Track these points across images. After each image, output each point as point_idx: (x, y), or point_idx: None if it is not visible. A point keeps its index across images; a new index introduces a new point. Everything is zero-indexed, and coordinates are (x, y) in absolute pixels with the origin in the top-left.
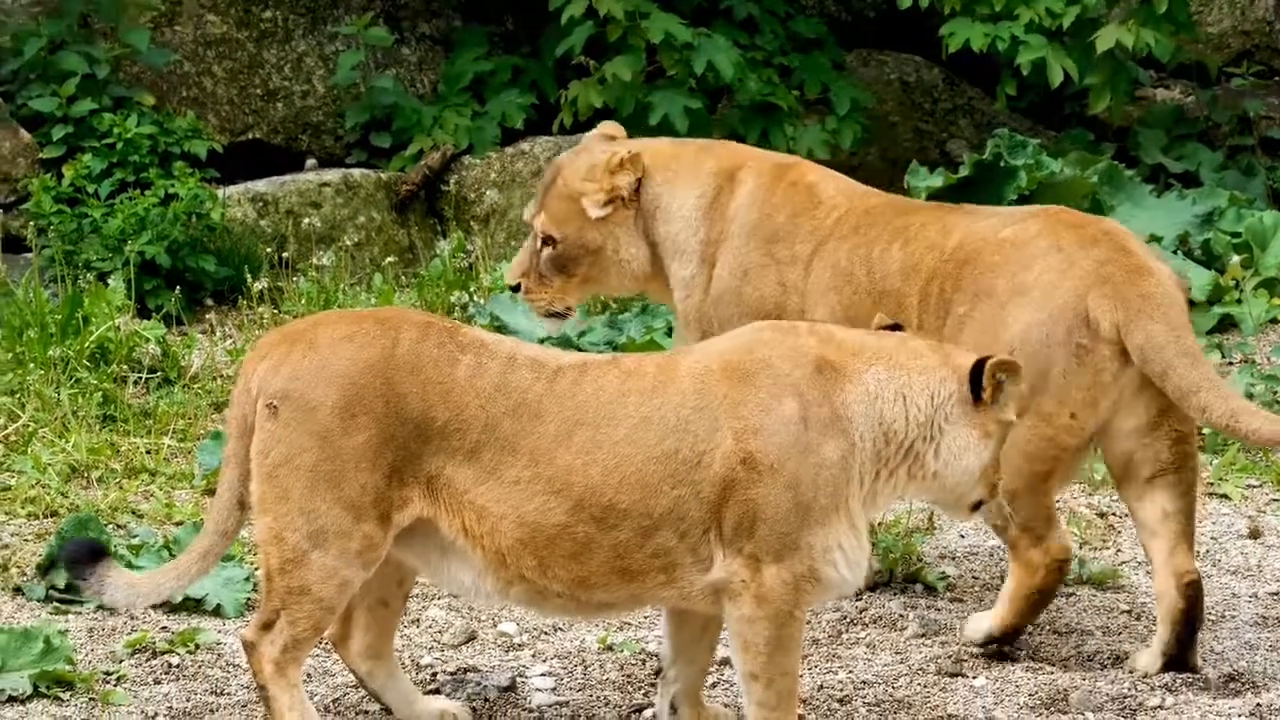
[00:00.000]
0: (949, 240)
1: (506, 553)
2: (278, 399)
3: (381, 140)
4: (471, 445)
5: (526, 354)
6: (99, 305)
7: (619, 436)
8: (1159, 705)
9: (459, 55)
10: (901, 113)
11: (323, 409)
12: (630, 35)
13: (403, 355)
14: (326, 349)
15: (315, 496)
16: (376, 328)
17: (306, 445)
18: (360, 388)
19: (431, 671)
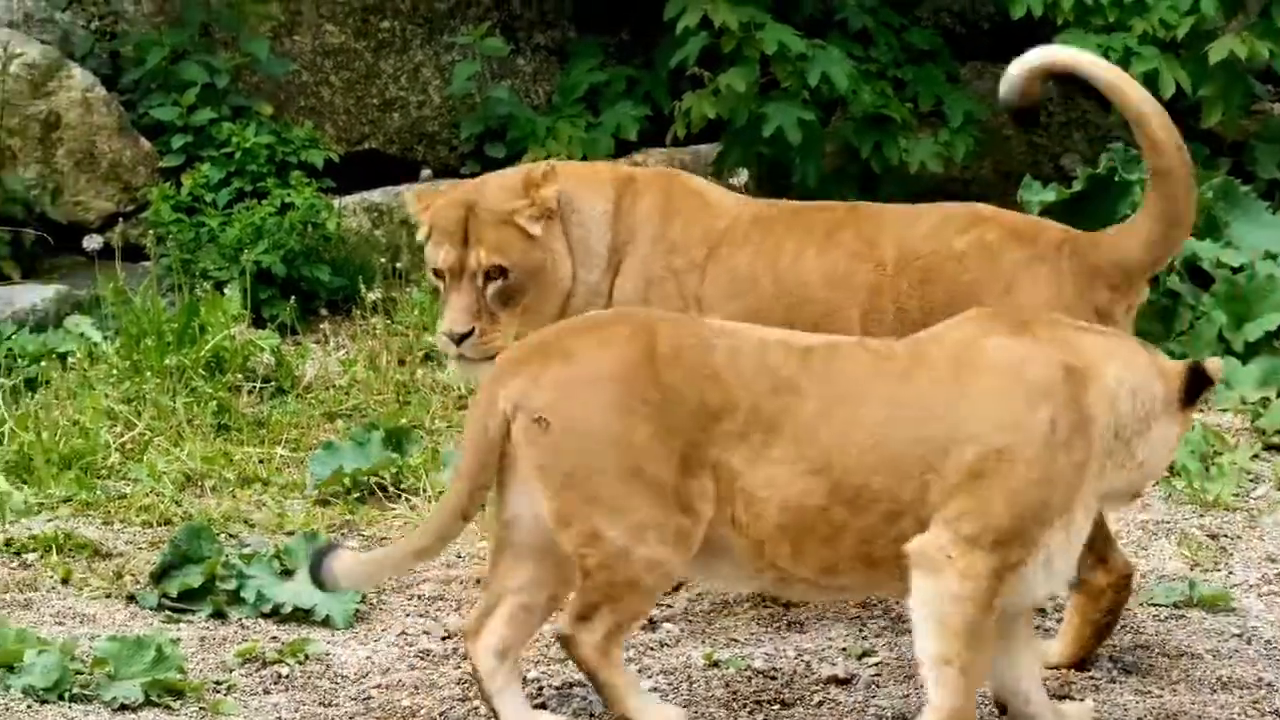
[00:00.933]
0: (882, 250)
1: (766, 540)
2: (545, 411)
3: (496, 150)
4: (740, 428)
5: (773, 336)
6: (215, 314)
7: (876, 418)
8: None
9: (574, 66)
10: (1015, 126)
11: (600, 412)
12: (745, 46)
13: (662, 349)
14: (585, 355)
15: (624, 496)
16: (626, 328)
17: (593, 449)
18: (631, 385)
19: (538, 685)
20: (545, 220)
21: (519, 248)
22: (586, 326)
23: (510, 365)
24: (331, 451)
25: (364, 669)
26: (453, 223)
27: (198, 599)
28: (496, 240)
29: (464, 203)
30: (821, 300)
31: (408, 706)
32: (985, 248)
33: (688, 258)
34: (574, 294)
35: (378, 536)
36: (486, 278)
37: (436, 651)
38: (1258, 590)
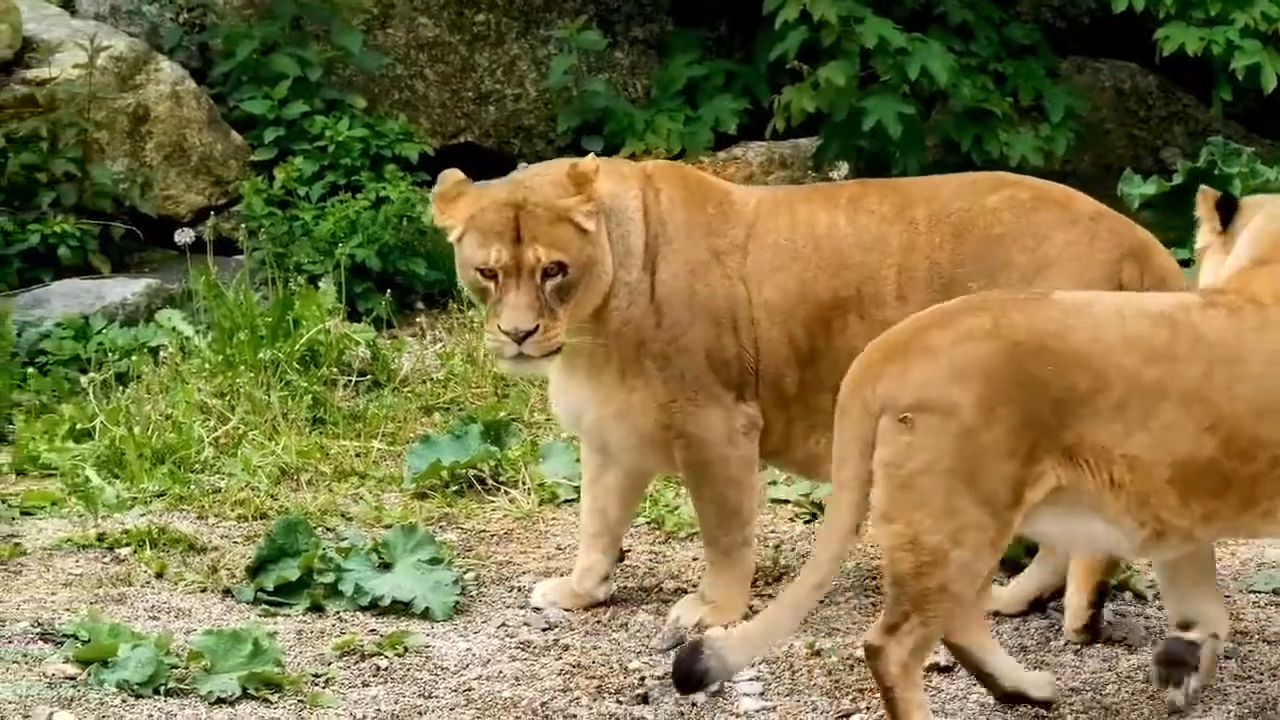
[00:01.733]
0: (912, 211)
1: (1152, 495)
2: (912, 410)
3: (593, 144)
4: (1116, 402)
5: (1127, 307)
6: (309, 308)
7: (1254, 372)
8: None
9: (672, 59)
10: (1115, 120)
11: (963, 409)
12: (844, 40)
13: (1024, 339)
14: (949, 351)
15: (956, 496)
16: (987, 320)
17: (947, 449)
18: (997, 380)
19: (640, 675)
20: (596, 216)
21: (576, 244)
22: (946, 320)
23: (873, 365)
24: (429, 445)
25: (464, 661)
26: (502, 222)
27: (294, 593)
28: (554, 237)
29: (511, 202)
30: (858, 264)
31: (508, 698)
32: (1019, 204)
33: (728, 239)
34: (613, 292)
35: (475, 529)
36: (545, 275)
37: (537, 643)
38: None
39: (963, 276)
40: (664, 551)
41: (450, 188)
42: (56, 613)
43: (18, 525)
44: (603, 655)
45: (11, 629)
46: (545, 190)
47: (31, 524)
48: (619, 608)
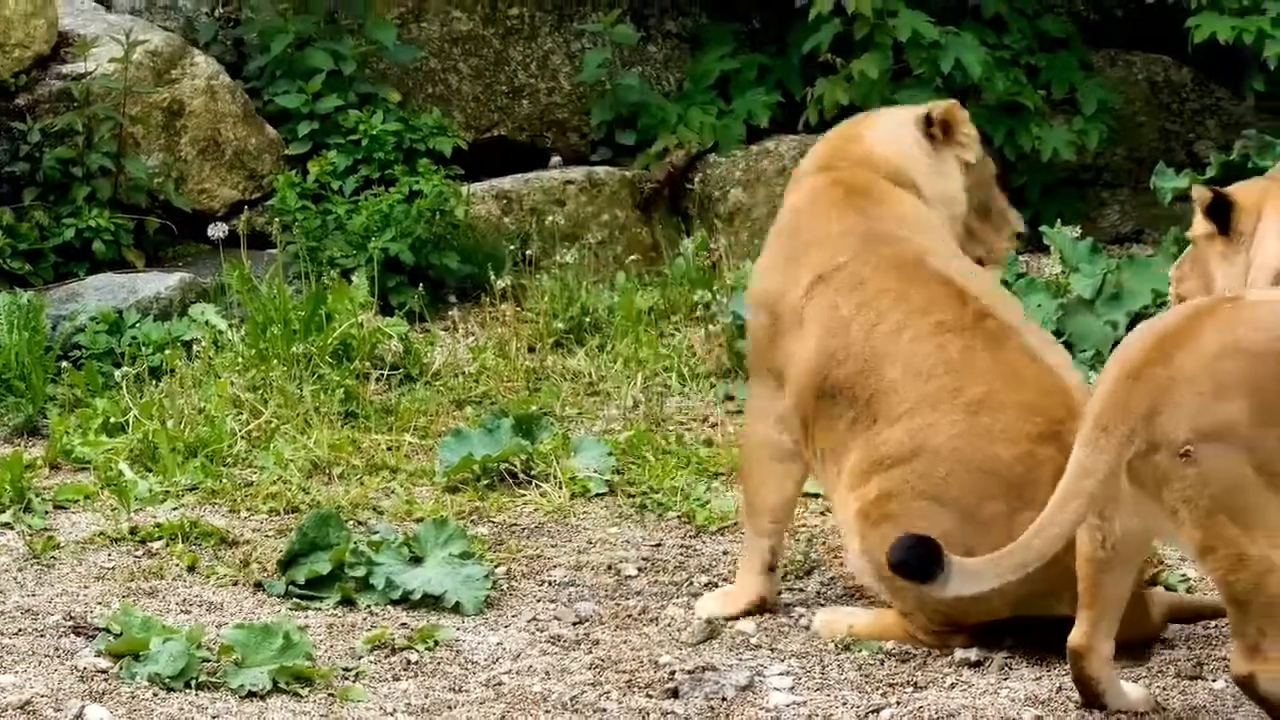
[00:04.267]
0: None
1: None
2: (1192, 442)
3: (626, 138)
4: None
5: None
6: (342, 302)
7: None
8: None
9: (705, 53)
10: (1148, 113)
11: (1239, 426)
12: (877, 33)
13: (1266, 347)
14: (1206, 374)
15: (1261, 505)
16: (1225, 337)
17: (1238, 465)
18: (1257, 391)
19: (670, 670)
20: None
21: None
22: (1177, 342)
23: (1135, 397)
24: (461, 438)
25: (494, 655)
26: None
27: (326, 586)
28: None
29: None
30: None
31: (539, 692)
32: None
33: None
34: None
35: (506, 523)
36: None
37: (568, 637)
38: None
39: None
40: (694, 546)
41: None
42: (89, 606)
43: (51, 519)
44: (633, 650)
45: (44, 622)
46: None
47: (65, 518)
48: (649, 602)
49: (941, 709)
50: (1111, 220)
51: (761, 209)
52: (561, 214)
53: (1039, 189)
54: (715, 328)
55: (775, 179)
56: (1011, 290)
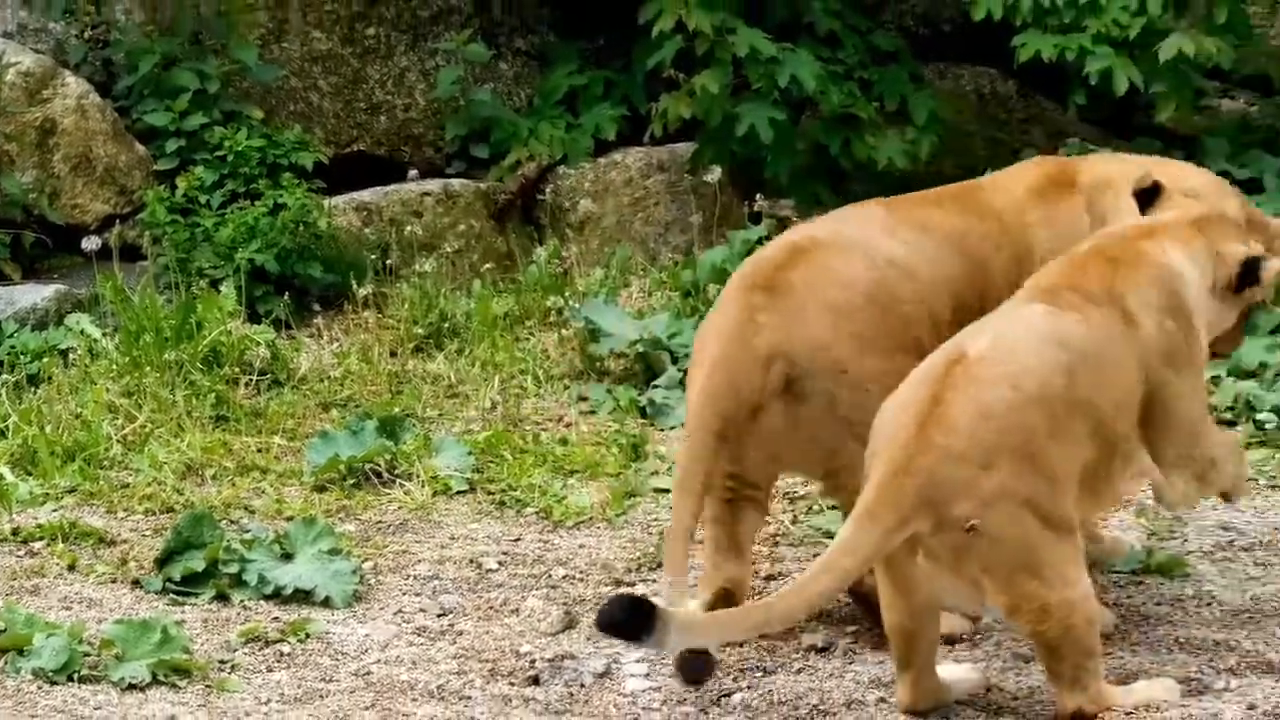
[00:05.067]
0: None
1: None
2: (975, 516)
3: (480, 151)
4: (1057, 428)
5: (1025, 330)
6: (211, 311)
7: None
8: (1225, 688)
9: (553, 70)
10: (977, 123)
11: (1010, 482)
12: (718, 49)
13: (1033, 392)
14: (967, 446)
15: (1048, 550)
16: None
17: (1023, 520)
18: (1022, 440)
19: (531, 659)
20: None
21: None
22: (936, 397)
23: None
24: (327, 440)
25: (363, 646)
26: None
27: (201, 583)
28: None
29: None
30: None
31: (406, 681)
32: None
33: None
34: None
35: (372, 521)
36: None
37: (433, 628)
38: (1211, 557)
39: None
40: (552, 540)
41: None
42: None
43: None
44: (495, 640)
45: None
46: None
47: None
48: (510, 594)
49: (790, 692)
50: None
51: (610, 218)
52: (420, 224)
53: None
54: (568, 332)
55: (623, 189)
56: None
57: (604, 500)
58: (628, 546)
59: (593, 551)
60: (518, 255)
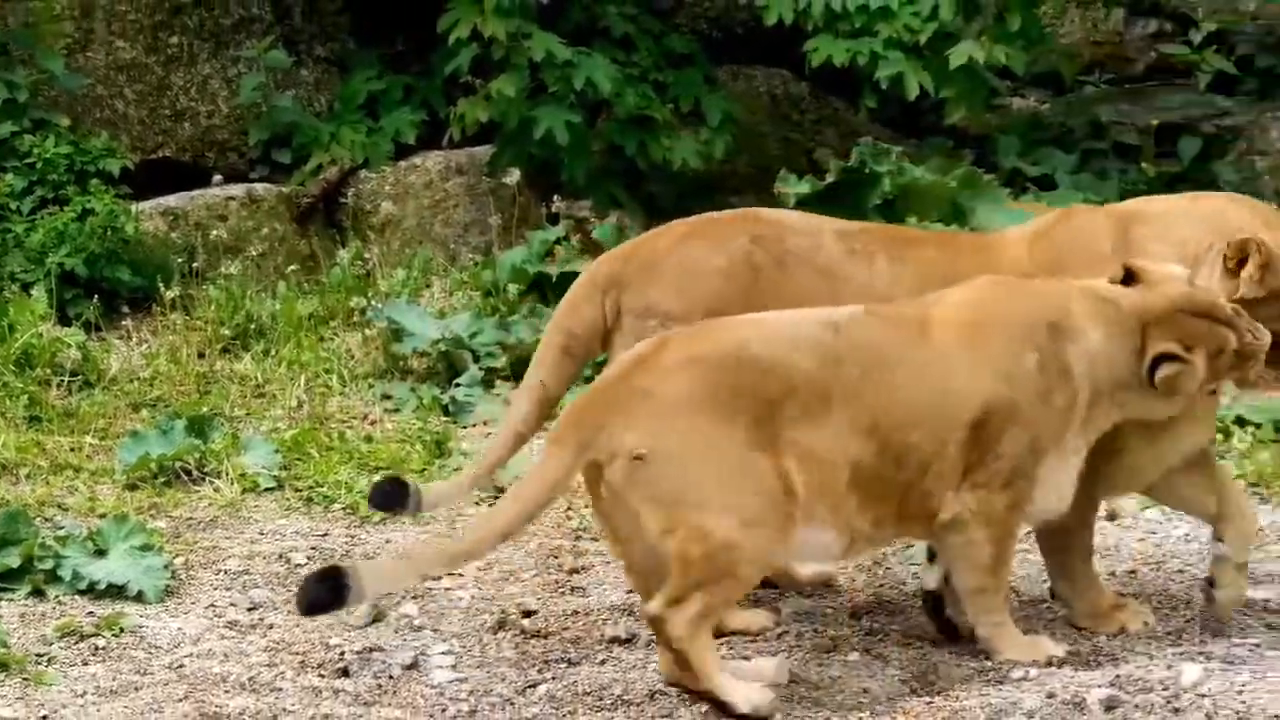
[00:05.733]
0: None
1: (840, 501)
2: (647, 449)
3: (282, 156)
4: (803, 404)
5: (800, 317)
6: (23, 314)
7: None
8: (1023, 677)
9: (353, 75)
10: (770, 124)
11: (699, 427)
12: (513, 54)
13: (727, 357)
14: (666, 388)
15: (731, 493)
16: (680, 354)
17: (703, 459)
18: (712, 396)
19: (340, 651)
20: None
21: None
22: (640, 363)
23: (592, 414)
24: (138, 439)
25: (176, 640)
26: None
27: (16, 579)
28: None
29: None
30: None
31: (218, 673)
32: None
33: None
34: None
35: (183, 517)
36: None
37: (243, 622)
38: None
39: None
40: (359, 535)
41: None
42: None
43: None
44: (305, 633)
45: None
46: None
47: None
48: None
49: (594, 683)
50: None
51: (411, 220)
52: (225, 228)
53: (671, 196)
54: (371, 332)
55: (423, 192)
56: None
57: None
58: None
59: (399, 546)
60: (321, 257)
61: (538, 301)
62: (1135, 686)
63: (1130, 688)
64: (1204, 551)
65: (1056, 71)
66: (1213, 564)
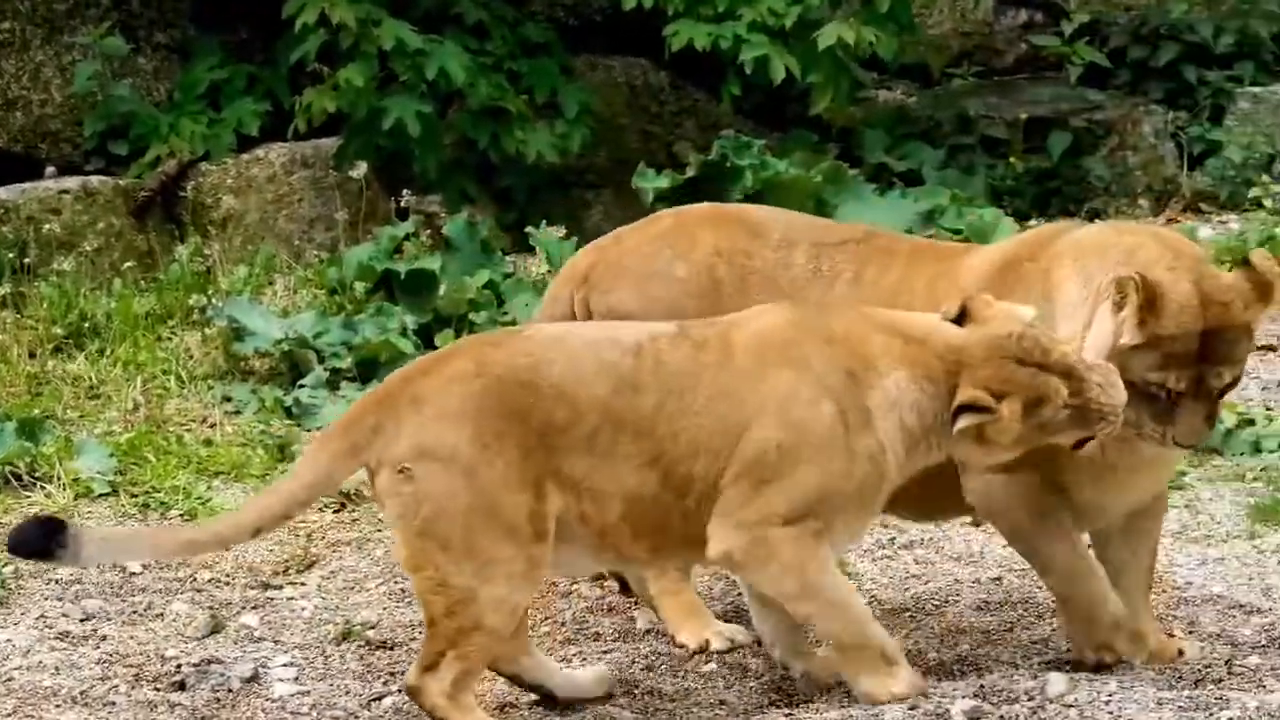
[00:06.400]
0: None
1: (609, 529)
2: (410, 460)
3: (119, 148)
4: (588, 433)
5: (602, 335)
6: None
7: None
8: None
9: (194, 64)
10: (629, 115)
11: (460, 451)
12: (362, 42)
13: (506, 374)
14: (439, 396)
15: (475, 534)
16: (469, 361)
17: (455, 490)
18: (486, 418)
19: (176, 664)
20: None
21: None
22: (430, 368)
23: (366, 418)
24: None
25: (4, 652)
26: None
27: None
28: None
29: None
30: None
31: (49, 687)
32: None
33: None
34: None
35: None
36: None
37: (76, 633)
38: (872, 555)
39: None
40: None
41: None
42: None
43: None
44: (139, 644)
45: None
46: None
47: None
48: (154, 598)
49: None
50: (595, 220)
51: (254, 215)
52: (58, 223)
53: (525, 190)
54: (211, 331)
55: (266, 185)
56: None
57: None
58: (275, 549)
59: (239, 554)
60: (159, 253)
61: (385, 300)
62: (999, 697)
63: (994, 698)
64: None
65: (924, 63)
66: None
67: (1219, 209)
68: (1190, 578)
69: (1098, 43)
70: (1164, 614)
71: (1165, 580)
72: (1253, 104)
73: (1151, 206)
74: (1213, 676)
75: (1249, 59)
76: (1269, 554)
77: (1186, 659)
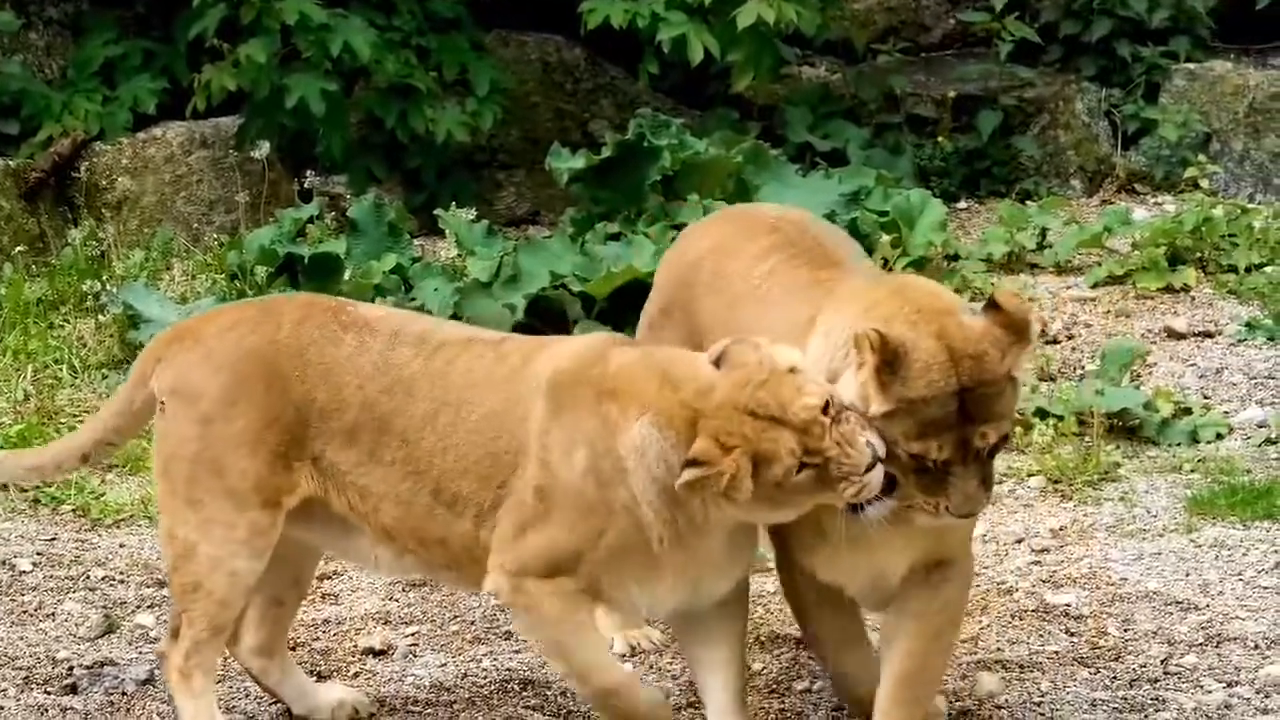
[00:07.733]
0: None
1: (392, 531)
2: (166, 394)
3: (9, 127)
4: (350, 426)
5: (412, 329)
6: None
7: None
8: (806, 689)
9: (88, 39)
10: (542, 93)
11: (205, 399)
12: (264, 17)
13: (285, 339)
14: (212, 340)
15: (198, 486)
16: (260, 314)
17: (189, 435)
18: (242, 375)
19: (69, 665)
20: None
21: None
22: (228, 311)
23: (159, 345)
24: None
25: None
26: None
27: None
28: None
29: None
30: None
31: None
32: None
33: None
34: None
35: None
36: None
37: None
38: None
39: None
40: (90, 539)
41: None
42: None
43: None
44: (29, 646)
45: None
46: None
47: None
48: (45, 597)
49: None
50: (507, 202)
51: (150, 197)
52: None
53: (434, 171)
54: (106, 318)
55: (163, 166)
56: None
57: (145, 497)
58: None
59: (134, 551)
60: (51, 237)
61: (288, 285)
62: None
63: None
64: (999, 552)
65: (848, 39)
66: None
67: (1154, 189)
68: (1125, 573)
69: (1028, 18)
70: (1099, 611)
71: (1099, 576)
72: (1188, 81)
73: (1084, 187)
74: (1149, 676)
75: (1184, 34)
76: (1206, 548)
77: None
